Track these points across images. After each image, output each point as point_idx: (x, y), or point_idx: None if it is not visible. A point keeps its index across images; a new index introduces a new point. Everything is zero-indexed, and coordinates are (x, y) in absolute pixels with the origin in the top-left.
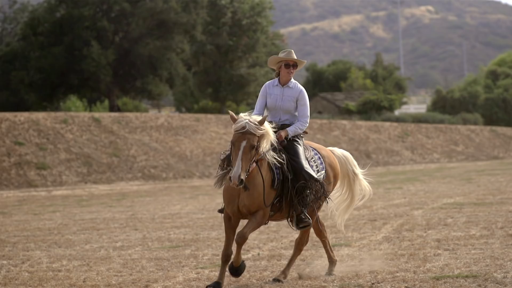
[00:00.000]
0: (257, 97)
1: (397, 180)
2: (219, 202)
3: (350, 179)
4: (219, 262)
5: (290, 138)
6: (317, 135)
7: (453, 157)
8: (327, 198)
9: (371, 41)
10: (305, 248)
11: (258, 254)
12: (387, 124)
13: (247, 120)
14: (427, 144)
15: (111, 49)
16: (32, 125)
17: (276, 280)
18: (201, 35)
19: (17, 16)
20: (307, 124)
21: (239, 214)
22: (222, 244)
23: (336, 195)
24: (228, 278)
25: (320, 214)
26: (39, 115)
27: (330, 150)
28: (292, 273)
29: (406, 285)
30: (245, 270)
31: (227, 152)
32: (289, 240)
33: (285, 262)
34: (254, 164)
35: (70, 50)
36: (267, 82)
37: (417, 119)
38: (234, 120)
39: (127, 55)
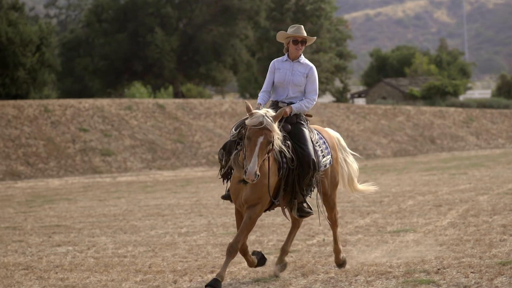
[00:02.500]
0: (321, 82)
1: (462, 166)
2: None
3: (340, 158)
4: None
5: (295, 121)
6: (382, 120)
7: None
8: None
9: (435, 26)
10: (370, 234)
11: (323, 240)
12: (452, 109)
13: (263, 115)
14: (492, 130)
15: (175, 35)
16: (97, 111)
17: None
18: (265, 21)
19: (81, 3)
20: (314, 102)
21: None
22: (286, 231)
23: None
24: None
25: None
26: (104, 102)
27: (327, 131)
28: (358, 258)
29: (472, 270)
30: (310, 256)
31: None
32: (354, 226)
33: (350, 247)
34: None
35: (134, 36)
36: (275, 59)
37: (482, 105)
38: (249, 112)
39: (191, 42)
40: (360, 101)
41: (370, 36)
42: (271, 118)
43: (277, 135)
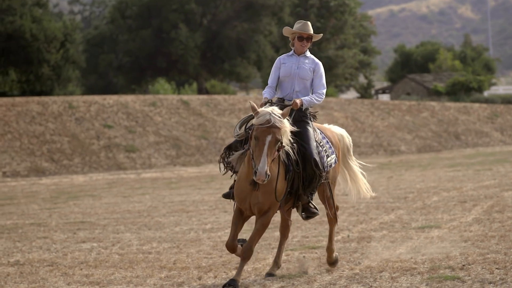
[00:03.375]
0: (345, 78)
1: (486, 162)
2: None
3: (346, 156)
4: (308, 244)
5: (300, 119)
6: (406, 116)
7: None
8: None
9: (460, 22)
10: (394, 230)
11: (348, 236)
12: (476, 105)
13: (270, 112)
14: None
15: (199, 31)
16: (121, 108)
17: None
18: (289, 17)
19: (105, 0)
20: (323, 97)
21: (250, 212)
22: (311, 227)
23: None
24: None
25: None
26: (128, 98)
27: (330, 129)
28: (383, 254)
29: (497, 266)
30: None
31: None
32: (379, 222)
33: (375, 243)
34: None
35: (158, 33)
36: (281, 55)
37: (506, 100)
38: (255, 111)
39: (215, 38)
40: (385, 97)
41: (394, 32)
42: (278, 115)
43: (287, 132)
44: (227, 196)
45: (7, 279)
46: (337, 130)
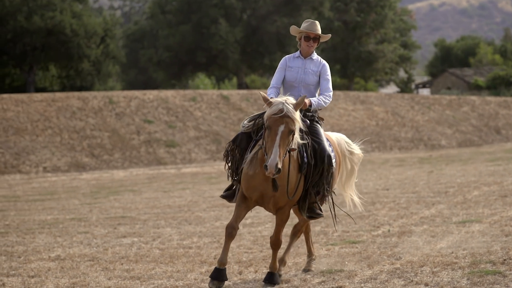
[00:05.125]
0: (385, 73)
1: None
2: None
3: (346, 157)
4: (349, 239)
5: (310, 117)
6: (446, 111)
7: None
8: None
9: (500, 16)
10: (435, 224)
11: (389, 230)
12: None
13: (283, 102)
14: None
15: (239, 26)
16: (161, 103)
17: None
18: (329, 12)
19: None
20: (331, 99)
21: (256, 202)
22: (351, 221)
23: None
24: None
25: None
26: (168, 93)
27: (327, 134)
28: (424, 248)
29: None
30: (376, 247)
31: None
32: (419, 216)
33: (415, 238)
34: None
35: (198, 28)
36: (287, 55)
37: None
38: (267, 101)
39: (255, 33)
40: (425, 92)
41: (435, 26)
42: (292, 105)
43: (300, 123)
44: (225, 197)
45: (48, 274)
46: (333, 136)
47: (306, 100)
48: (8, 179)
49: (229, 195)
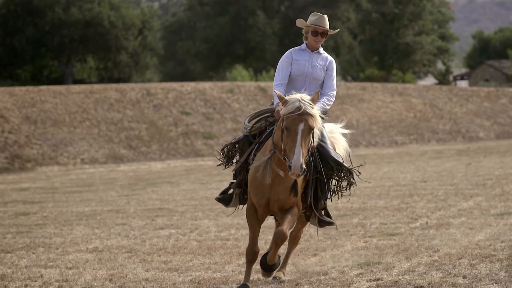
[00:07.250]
0: (423, 65)
1: None
2: (386, 171)
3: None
4: (387, 231)
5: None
6: (484, 103)
7: None
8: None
9: None
10: (473, 216)
11: (427, 223)
12: None
13: (299, 99)
14: None
15: (277, 18)
16: (199, 95)
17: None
18: (367, 4)
19: None
20: (334, 100)
21: (266, 209)
22: (389, 214)
23: None
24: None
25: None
26: (206, 85)
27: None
28: (462, 241)
29: None
30: (414, 239)
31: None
32: (457, 208)
33: (453, 230)
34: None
35: (236, 20)
36: (291, 48)
37: None
38: (282, 100)
39: (292, 25)
40: (463, 84)
41: (473, 18)
42: (309, 102)
43: (319, 119)
44: (220, 200)
45: (86, 265)
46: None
47: None
48: (46, 170)
49: (225, 199)
